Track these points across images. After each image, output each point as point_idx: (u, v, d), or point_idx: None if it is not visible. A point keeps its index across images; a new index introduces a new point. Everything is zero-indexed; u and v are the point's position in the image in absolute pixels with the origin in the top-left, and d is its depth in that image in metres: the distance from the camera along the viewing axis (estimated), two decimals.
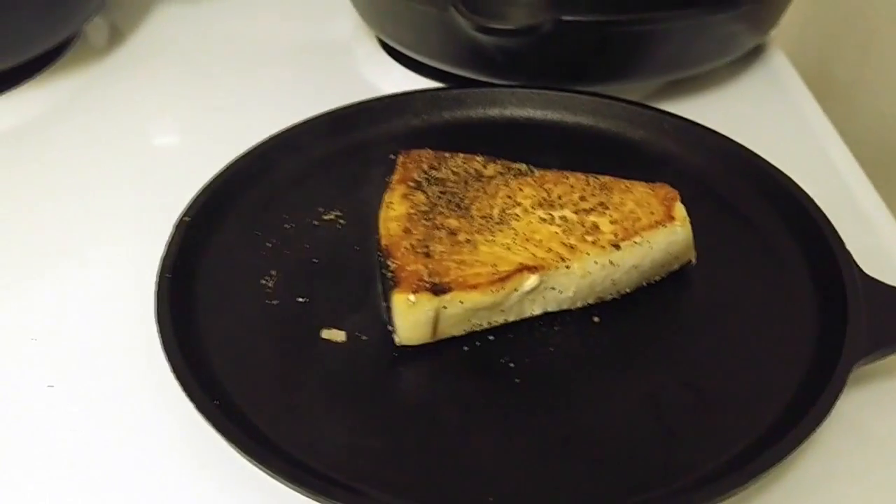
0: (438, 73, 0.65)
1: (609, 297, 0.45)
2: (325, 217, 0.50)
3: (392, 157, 0.52)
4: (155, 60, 0.72)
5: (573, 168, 0.50)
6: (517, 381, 0.41)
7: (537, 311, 0.44)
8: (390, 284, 0.42)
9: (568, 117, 0.58)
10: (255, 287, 0.46)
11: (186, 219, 0.48)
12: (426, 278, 0.41)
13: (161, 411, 0.42)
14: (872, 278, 0.44)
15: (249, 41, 0.75)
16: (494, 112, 0.59)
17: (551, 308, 0.44)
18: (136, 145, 0.63)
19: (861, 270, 0.44)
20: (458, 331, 0.43)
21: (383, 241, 0.44)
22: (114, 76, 0.70)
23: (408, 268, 0.42)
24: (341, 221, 0.50)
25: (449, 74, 0.64)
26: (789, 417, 0.39)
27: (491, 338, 0.43)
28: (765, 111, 0.64)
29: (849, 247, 0.46)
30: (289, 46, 0.74)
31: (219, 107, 0.67)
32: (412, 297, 0.41)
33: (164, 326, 0.41)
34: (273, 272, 0.47)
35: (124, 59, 0.73)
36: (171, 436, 0.41)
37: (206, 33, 0.77)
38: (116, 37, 0.75)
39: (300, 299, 0.45)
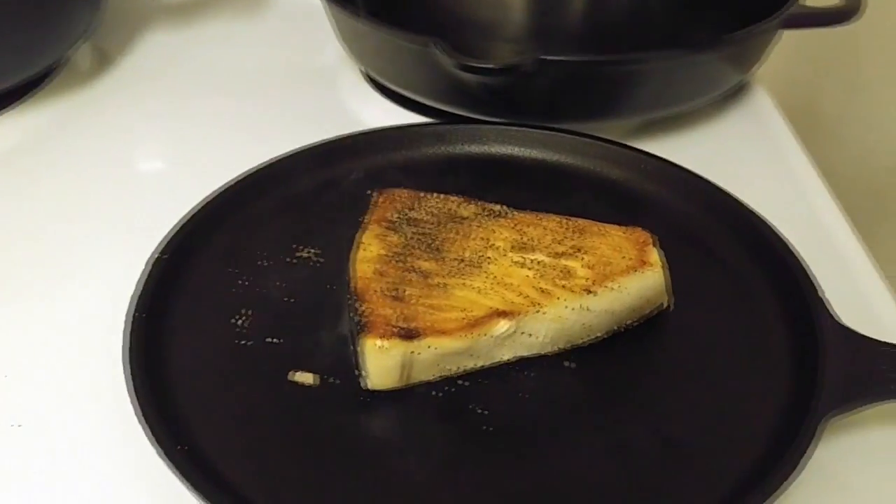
0: (422, 107, 0.65)
1: (583, 342, 0.45)
2: (301, 254, 0.50)
3: (370, 193, 0.52)
4: (141, 87, 0.73)
5: (552, 207, 0.50)
6: (487, 428, 0.41)
7: (510, 356, 0.44)
8: (360, 329, 0.41)
9: (549, 155, 0.58)
10: (226, 326, 0.45)
11: (162, 256, 0.47)
12: (396, 323, 0.41)
13: (128, 453, 0.41)
14: (847, 328, 0.44)
15: (236, 70, 0.75)
16: (475, 149, 0.59)
17: (524, 353, 0.44)
18: (120, 174, 0.63)
19: (835, 319, 0.44)
20: (428, 376, 0.43)
21: (354, 284, 0.44)
22: (100, 103, 0.70)
23: (378, 312, 0.42)
24: (317, 259, 0.50)
25: (433, 108, 0.64)
26: (759, 471, 0.38)
27: (462, 383, 0.43)
28: (746, 151, 0.64)
29: (827, 294, 0.45)
30: (274, 76, 0.74)
31: (204, 135, 0.67)
32: (381, 342, 0.40)
33: (132, 368, 0.41)
34: (246, 311, 0.46)
35: (110, 85, 0.73)
36: (137, 479, 0.40)
37: (193, 61, 0.77)
38: (103, 63, 0.75)
39: (272, 340, 0.45)
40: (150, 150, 0.67)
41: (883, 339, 0.43)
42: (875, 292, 0.52)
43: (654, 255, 0.45)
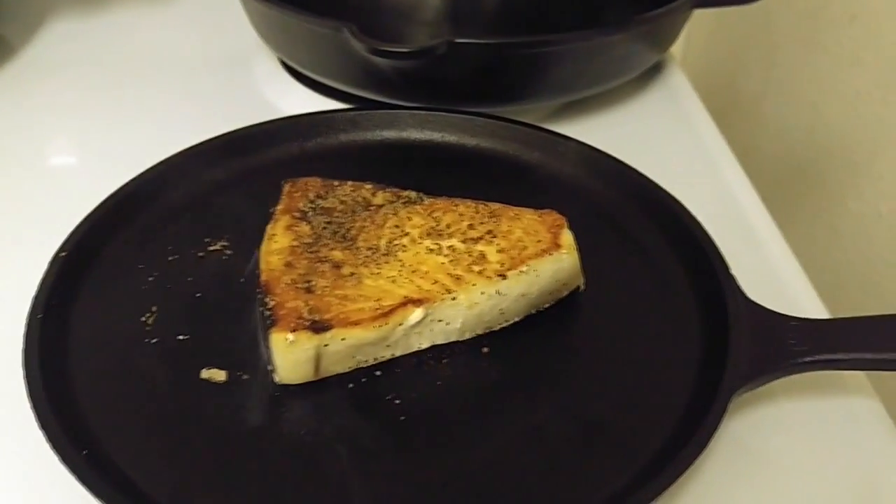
0: (339, 93, 0.64)
1: (498, 327, 0.45)
2: (211, 248, 0.49)
3: (283, 182, 0.51)
4: (45, 77, 0.70)
5: (469, 192, 0.49)
6: (402, 418, 0.41)
7: (425, 344, 0.43)
8: (268, 323, 0.40)
9: (466, 139, 0.57)
10: (133, 325, 0.44)
11: (63, 254, 0.46)
12: (306, 315, 0.40)
13: (29, 459, 0.39)
14: (757, 304, 0.44)
15: (147, 58, 0.73)
16: (391, 134, 0.58)
17: (439, 341, 0.44)
18: (25, 168, 0.60)
19: (745, 296, 0.44)
20: (342, 368, 0.42)
21: (263, 276, 0.43)
22: (1, 94, 0.67)
23: (287, 305, 0.41)
24: (228, 252, 0.49)
25: (350, 95, 0.63)
26: (672, 448, 0.39)
27: (378, 373, 0.42)
28: (662, 131, 0.64)
29: (739, 271, 0.46)
30: (188, 64, 0.72)
31: (115, 126, 0.65)
32: (290, 336, 0.40)
33: (30, 371, 0.40)
34: (153, 308, 0.45)
35: (12, 76, 0.70)
36: (41, 488, 0.39)
37: (101, 49, 0.74)
38: (4, 52, 0.72)
39: (180, 337, 0.43)
40: (57, 143, 0.64)
41: (792, 314, 0.44)
42: (785, 268, 0.53)
43: (567, 238, 0.45)
